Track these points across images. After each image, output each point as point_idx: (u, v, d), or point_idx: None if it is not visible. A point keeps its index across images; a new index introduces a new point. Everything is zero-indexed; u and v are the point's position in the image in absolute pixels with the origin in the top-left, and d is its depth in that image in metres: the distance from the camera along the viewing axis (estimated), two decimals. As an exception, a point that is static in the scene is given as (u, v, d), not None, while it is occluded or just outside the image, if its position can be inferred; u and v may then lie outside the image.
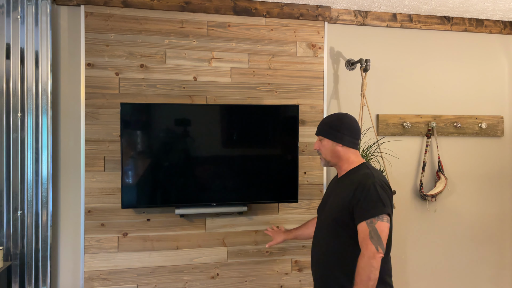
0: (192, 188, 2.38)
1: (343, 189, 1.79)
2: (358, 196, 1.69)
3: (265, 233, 2.44)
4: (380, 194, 1.68)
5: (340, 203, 1.77)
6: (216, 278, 2.54)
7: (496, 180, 3.04)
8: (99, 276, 2.38)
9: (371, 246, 1.63)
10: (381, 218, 1.66)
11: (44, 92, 2.28)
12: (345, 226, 1.74)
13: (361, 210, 1.68)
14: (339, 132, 1.82)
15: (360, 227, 1.67)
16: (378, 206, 1.66)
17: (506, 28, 3.01)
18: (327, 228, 1.83)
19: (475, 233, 3.01)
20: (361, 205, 1.68)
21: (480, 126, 2.97)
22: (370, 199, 1.67)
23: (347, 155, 1.84)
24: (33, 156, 2.27)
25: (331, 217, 1.81)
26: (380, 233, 1.64)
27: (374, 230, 1.64)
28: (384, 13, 2.81)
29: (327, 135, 1.85)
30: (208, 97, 2.52)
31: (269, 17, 2.59)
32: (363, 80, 2.66)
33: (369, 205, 1.67)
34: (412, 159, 2.91)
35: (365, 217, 1.66)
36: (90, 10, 2.36)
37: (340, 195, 1.80)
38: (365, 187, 1.69)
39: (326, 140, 1.85)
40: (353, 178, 1.78)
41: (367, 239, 1.64)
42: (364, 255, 1.64)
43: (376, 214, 1.65)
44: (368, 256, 1.63)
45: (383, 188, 1.71)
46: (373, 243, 1.63)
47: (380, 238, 1.63)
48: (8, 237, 2.24)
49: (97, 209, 2.38)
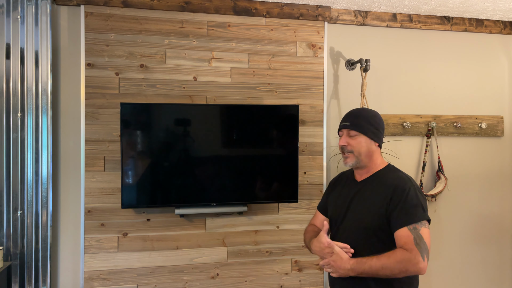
0: (192, 188, 2.38)
1: (376, 194, 1.61)
2: (396, 201, 1.54)
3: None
4: (420, 199, 1.55)
5: (374, 211, 1.59)
6: (216, 278, 2.54)
7: (496, 180, 3.04)
8: (99, 276, 2.38)
9: (417, 253, 1.45)
10: (424, 224, 1.51)
11: (44, 92, 2.28)
12: (382, 234, 1.57)
13: (401, 216, 1.52)
14: (378, 130, 1.65)
15: (400, 232, 1.51)
16: (420, 211, 1.52)
17: (506, 28, 3.01)
18: (357, 238, 1.62)
19: (475, 233, 3.01)
20: (400, 210, 1.52)
21: (480, 126, 2.96)
22: (410, 204, 1.53)
23: (377, 156, 1.68)
24: (33, 156, 2.27)
25: (362, 226, 1.61)
26: (426, 239, 1.49)
27: (419, 237, 1.48)
28: (384, 13, 2.81)
29: (365, 131, 1.64)
30: (208, 97, 2.52)
31: (269, 17, 2.59)
32: (363, 80, 2.66)
33: (410, 210, 1.52)
34: (412, 159, 2.91)
35: (406, 223, 1.50)
36: (90, 10, 2.36)
37: (371, 201, 1.62)
38: (404, 191, 1.55)
39: (363, 137, 1.64)
40: (385, 182, 1.62)
41: (412, 246, 1.46)
42: (406, 254, 1.46)
43: (419, 219, 1.51)
44: (410, 259, 1.45)
45: (421, 193, 1.59)
46: (419, 250, 1.46)
47: (426, 246, 1.48)
48: (8, 237, 2.24)
49: (97, 209, 2.38)
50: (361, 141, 1.64)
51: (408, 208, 1.52)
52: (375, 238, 1.58)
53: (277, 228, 2.61)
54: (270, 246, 2.61)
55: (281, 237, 2.62)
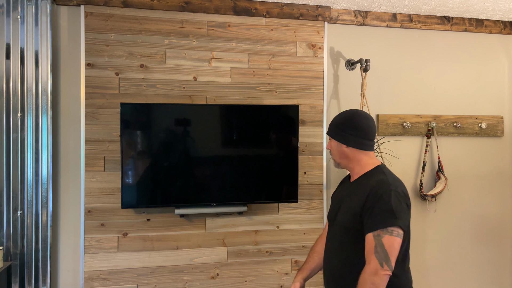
0: (192, 188, 2.38)
1: (355, 195, 1.64)
2: (368, 205, 1.54)
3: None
4: (393, 204, 1.51)
5: (351, 211, 1.62)
6: (216, 278, 2.54)
7: (496, 180, 3.04)
8: (99, 276, 2.38)
9: (374, 261, 1.48)
10: (390, 232, 1.49)
11: (44, 92, 2.28)
12: (358, 236, 1.58)
13: (369, 220, 1.53)
14: (343, 132, 1.67)
15: (366, 238, 1.53)
16: (389, 217, 1.50)
17: (506, 28, 3.01)
18: (339, 238, 1.68)
19: (475, 233, 3.01)
20: (369, 215, 1.53)
21: (480, 126, 2.96)
22: (380, 209, 1.51)
23: (357, 157, 1.68)
24: (33, 156, 2.27)
25: (342, 226, 1.66)
26: (388, 248, 1.47)
27: (380, 245, 1.48)
28: (384, 13, 2.81)
29: (332, 134, 1.72)
30: (208, 97, 2.52)
31: (269, 17, 2.59)
32: (363, 80, 2.66)
33: (378, 216, 1.51)
34: (412, 159, 2.91)
35: (372, 229, 1.51)
36: (90, 10, 2.36)
37: (352, 202, 1.65)
38: (376, 195, 1.54)
39: (333, 141, 1.72)
40: (366, 184, 1.62)
41: (371, 253, 1.49)
42: (366, 271, 1.49)
43: (385, 226, 1.49)
44: (369, 272, 1.48)
45: (398, 198, 1.54)
46: (378, 258, 1.48)
47: (387, 254, 1.47)
48: (8, 237, 2.24)
49: (97, 209, 2.38)
50: (332, 144, 1.74)
51: (377, 213, 1.52)
52: (352, 239, 1.61)
53: (277, 228, 2.61)
54: (270, 246, 2.61)
55: (281, 237, 2.62)
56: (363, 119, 1.68)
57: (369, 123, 1.68)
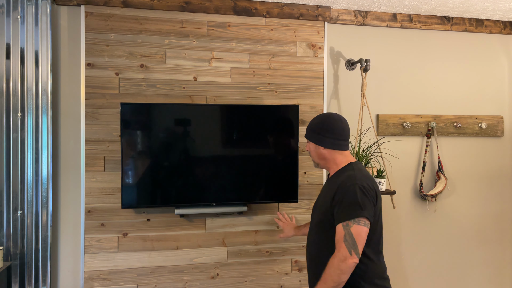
0: (192, 188, 2.38)
1: (328, 191, 1.79)
2: (337, 198, 1.69)
3: (275, 220, 2.49)
4: (359, 197, 1.65)
5: (324, 205, 1.78)
6: (216, 278, 2.54)
7: (496, 180, 3.05)
8: (99, 276, 2.38)
9: (344, 249, 1.61)
10: (357, 222, 1.63)
11: (44, 92, 2.28)
12: (330, 228, 1.72)
13: (338, 212, 1.67)
14: (319, 135, 1.82)
15: (337, 228, 1.66)
16: (355, 209, 1.64)
17: (506, 28, 3.01)
18: (315, 228, 1.85)
19: (475, 233, 3.02)
20: (338, 207, 1.67)
21: (480, 126, 2.97)
22: (348, 202, 1.66)
23: (333, 157, 1.83)
24: (33, 156, 2.27)
25: (317, 217, 1.83)
26: (356, 236, 1.61)
27: (349, 233, 1.62)
28: (384, 13, 2.81)
29: (310, 138, 1.87)
30: (208, 97, 2.52)
31: (269, 17, 2.59)
32: (363, 80, 2.66)
33: (346, 207, 1.65)
34: (412, 159, 2.91)
35: (341, 220, 1.65)
36: (90, 10, 2.36)
37: (325, 197, 1.80)
38: (343, 189, 1.69)
39: (310, 143, 1.87)
40: (337, 179, 1.77)
41: (341, 242, 1.62)
42: (335, 257, 1.62)
43: (353, 217, 1.63)
44: (338, 258, 1.61)
45: (363, 191, 1.67)
46: (347, 246, 1.61)
47: (355, 242, 1.61)
48: (8, 237, 2.24)
49: (97, 209, 2.38)
50: (310, 147, 1.89)
51: (345, 205, 1.66)
52: (324, 229, 1.76)
53: (277, 228, 2.61)
54: (270, 246, 2.61)
55: (281, 237, 2.62)
56: (337, 121, 1.83)
57: (343, 125, 1.83)
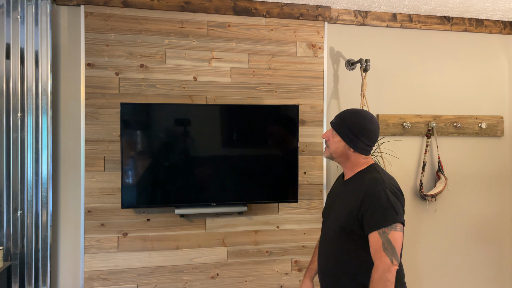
0: (192, 188, 2.38)
1: (351, 195, 1.66)
2: (367, 204, 1.57)
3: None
4: (392, 201, 1.55)
5: (347, 211, 1.64)
6: (216, 278, 2.54)
7: (496, 180, 3.05)
8: (99, 276, 2.38)
9: (386, 258, 1.50)
10: (394, 228, 1.53)
11: (44, 92, 2.28)
12: (354, 235, 1.62)
13: (371, 219, 1.55)
14: (355, 137, 1.66)
15: (371, 237, 1.55)
16: (391, 214, 1.53)
17: (506, 28, 3.01)
18: (334, 236, 1.70)
19: (475, 233, 3.01)
20: (371, 214, 1.55)
21: (480, 126, 2.97)
22: (381, 207, 1.54)
23: (357, 159, 1.70)
24: (33, 156, 2.27)
25: (337, 225, 1.68)
26: (394, 243, 1.52)
27: (387, 241, 1.52)
28: (384, 13, 2.81)
29: (342, 135, 1.68)
30: (208, 97, 2.52)
31: (269, 17, 2.59)
32: (363, 80, 2.66)
33: (380, 213, 1.54)
34: (412, 159, 2.91)
35: (376, 227, 1.54)
36: (90, 10, 2.36)
37: (347, 201, 1.67)
38: (374, 194, 1.56)
39: (339, 138, 1.69)
40: (361, 183, 1.65)
41: (381, 251, 1.51)
42: (379, 268, 1.51)
43: (389, 223, 1.53)
44: (383, 269, 1.50)
45: (395, 194, 1.58)
46: (388, 255, 1.50)
47: (394, 249, 1.51)
48: (8, 237, 2.24)
49: (97, 209, 2.38)
50: (337, 141, 1.70)
51: (378, 211, 1.55)
52: (347, 237, 1.64)
53: (277, 228, 2.61)
54: (270, 246, 2.61)
55: (281, 237, 2.62)
56: (376, 127, 1.69)
57: (378, 130, 1.71)
